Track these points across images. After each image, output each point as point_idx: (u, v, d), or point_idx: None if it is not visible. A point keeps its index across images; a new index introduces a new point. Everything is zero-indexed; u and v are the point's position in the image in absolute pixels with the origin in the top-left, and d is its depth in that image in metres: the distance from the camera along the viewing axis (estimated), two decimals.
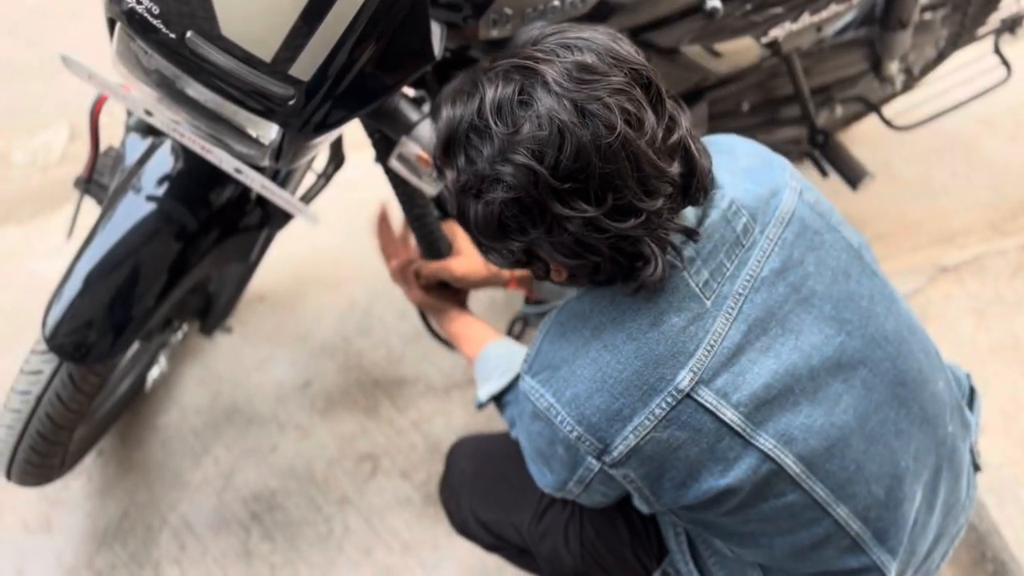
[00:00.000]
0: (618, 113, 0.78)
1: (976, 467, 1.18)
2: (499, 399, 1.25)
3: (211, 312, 1.81)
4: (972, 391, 1.21)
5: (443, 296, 1.39)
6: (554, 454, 0.99)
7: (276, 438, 1.87)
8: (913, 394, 1.02)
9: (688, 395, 0.89)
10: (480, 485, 1.33)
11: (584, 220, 0.81)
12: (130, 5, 0.91)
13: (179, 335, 1.90)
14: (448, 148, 0.85)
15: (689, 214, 0.92)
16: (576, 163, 0.78)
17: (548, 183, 0.79)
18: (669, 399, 0.89)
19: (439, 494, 1.40)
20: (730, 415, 0.90)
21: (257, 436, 1.87)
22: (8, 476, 1.47)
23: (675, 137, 0.84)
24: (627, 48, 0.84)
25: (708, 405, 0.90)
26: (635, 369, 0.90)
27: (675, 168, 0.84)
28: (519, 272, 1.39)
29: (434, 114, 0.94)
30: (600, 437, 0.92)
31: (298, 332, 2.06)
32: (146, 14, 0.91)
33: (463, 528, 1.36)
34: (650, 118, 0.81)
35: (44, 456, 1.45)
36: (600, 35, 0.83)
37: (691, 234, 0.90)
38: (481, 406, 1.27)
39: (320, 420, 1.90)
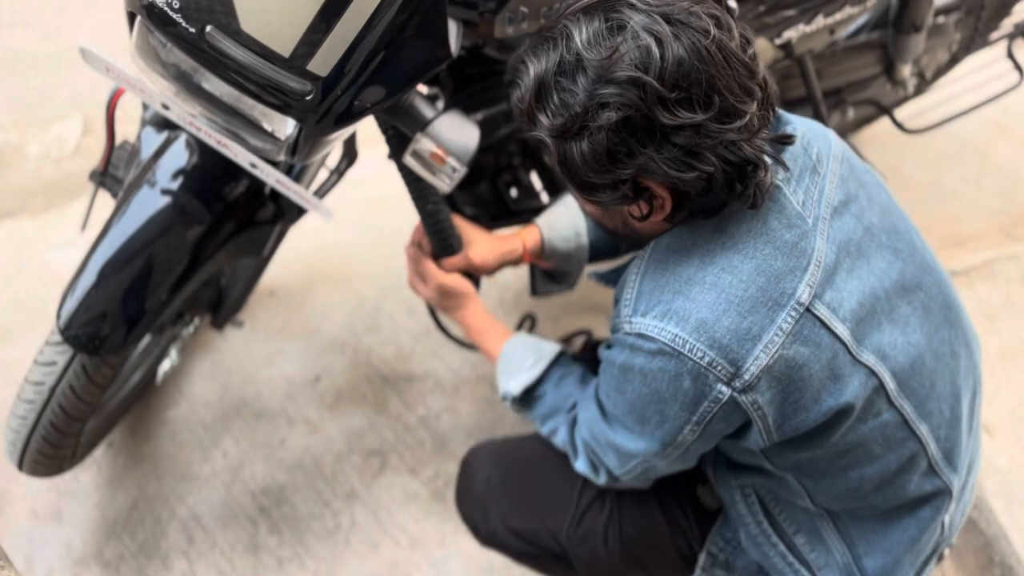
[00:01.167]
0: (707, 19, 0.82)
1: None
2: (531, 392, 1.24)
3: (223, 306, 1.82)
4: None
5: (458, 292, 1.37)
6: (676, 392, 0.95)
7: (285, 432, 1.88)
8: (957, 317, 1.09)
9: (808, 308, 0.92)
10: (510, 493, 1.31)
11: (694, 128, 0.82)
12: None
13: (191, 328, 1.91)
14: (540, 96, 0.86)
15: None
16: (679, 69, 0.80)
17: (656, 93, 0.80)
18: (794, 313, 0.91)
19: (458, 507, 1.38)
20: (840, 329, 0.94)
21: (266, 430, 1.88)
22: (20, 466, 1.48)
23: (751, 50, 0.87)
24: None
25: (824, 318, 0.93)
26: (759, 286, 0.91)
27: (761, 73, 0.88)
28: (530, 244, 1.38)
29: (510, 84, 0.94)
30: (732, 359, 0.91)
31: (308, 327, 2.07)
32: (166, 8, 0.91)
33: (490, 538, 1.34)
34: (732, 25, 0.85)
35: (56, 447, 1.46)
36: None
37: (786, 139, 0.94)
38: (514, 400, 1.25)
39: (329, 415, 1.91)
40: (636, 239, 1.05)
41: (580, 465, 1.17)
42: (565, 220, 1.40)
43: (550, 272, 1.46)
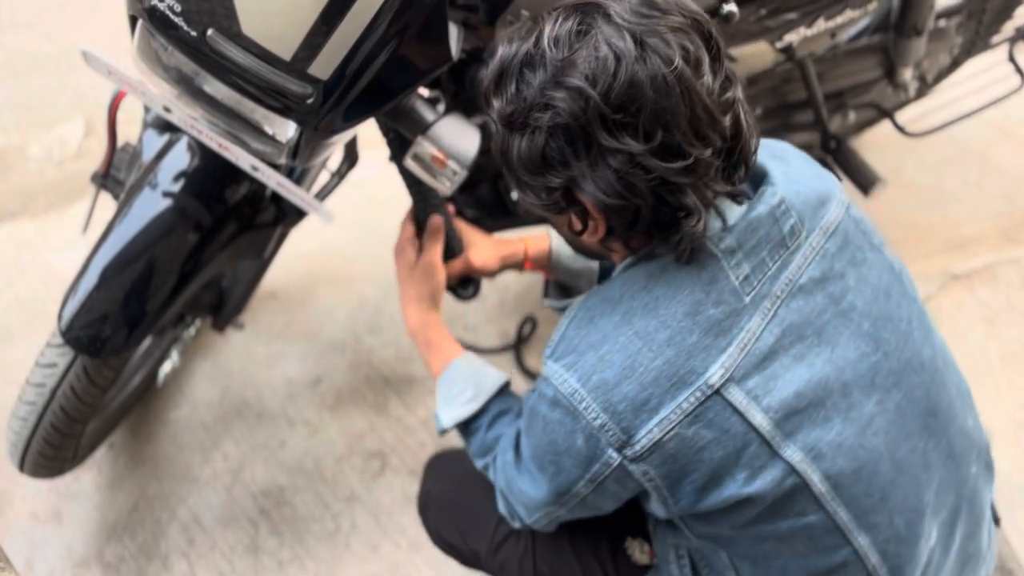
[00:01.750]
0: (677, 48, 0.78)
1: (995, 520, 1.14)
2: (466, 426, 1.21)
3: (224, 308, 1.82)
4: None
5: (436, 282, 1.31)
6: (570, 447, 0.92)
7: (285, 434, 1.88)
8: (943, 426, 0.98)
9: (718, 391, 0.86)
10: (442, 508, 1.32)
11: (629, 156, 0.79)
12: (152, 2, 0.92)
13: (192, 330, 1.92)
14: (499, 81, 0.84)
15: (733, 208, 0.91)
16: (629, 92, 0.77)
17: (599, 109, 0.77)
18: (698, 393, 0.86)
19: (417, 506, 1.39)
20: (759, 419, 0.87)
21: (267, 432, 1.88)
22: (21, 468, 1.48)
23: (729, 95, 0.82)
24: (697, 8, 0.83)
25: (737, 405, 0.86)
26: (666, 358, 0.86)
27: (727, 122, 0.82)
28: (534, 251, 1.38)
29: (484, 64, 0.92)
30: (624, 427, 0.87)
31: (309, 329, 2.07)
32: (168, 11, 0.92)
33: (437, 543, 1.35)
34: (707, 63, 0.80)
35: (57, 448, 1.46)
36: None
37: (735, 195, 0.90)
38: (443, 432, 1.22)
39: (329, 417, 1.91)
40: (588, 255, 1.03)
41: (501, 508, 1.15)
42: None
43: (562, 286, 1.46)
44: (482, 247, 1.38)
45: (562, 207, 0.88)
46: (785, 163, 0.99)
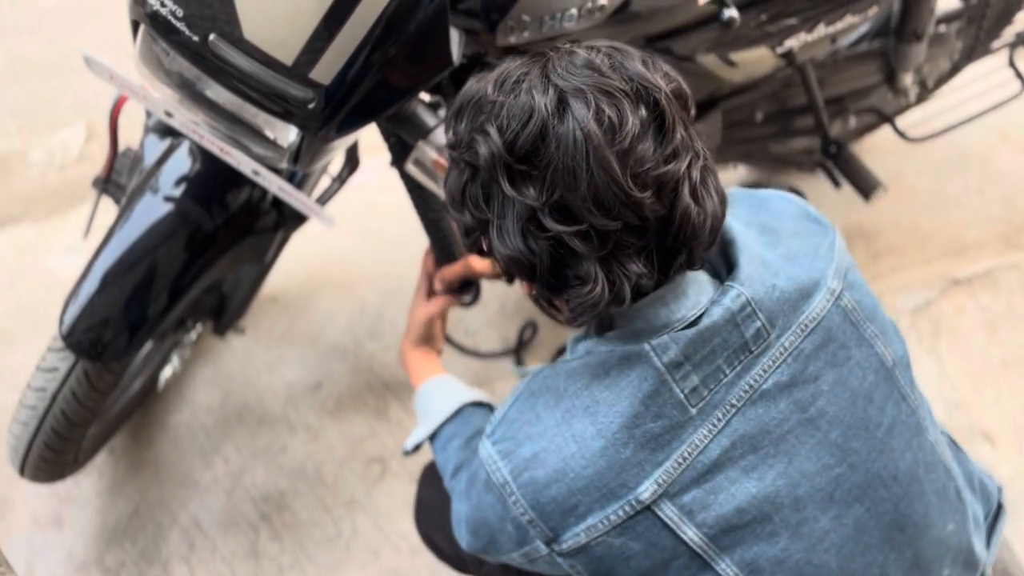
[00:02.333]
0: (593, 111, 0.74)
1: None
2: (431, 443, 1.23)
3: (224, 312, 1.82)
4: (1000, 508, 1.11)
5: (433, 335, 1.37)
6: (502, 529, 0.92)
7: (286, 439, 1.88)
8: (910, 540, 0.92)
9: (648, 507, 0.83)
10: (431, 514, 1.32)
11: (529, 208, 0.77)
12: (154, 7, 0.92)
13: (192, 335, 1.92)
14: (457, 113, 0.85)
15: (689, 303, 0.85)
16: (535, 145, 0.75)
17: (503, 157, 0.77)
18: (627, 508, 0.83)
19: (412, 512, 1.40)
20: (691, 535, 0.84)
21: (267, 436, 1.88)
22: (22, 472, 1.48)
23: (665, 170, 0.77)
24: (651, 72, 0.79)
25: (668, 521, 0.83)
26: (598, 469, 0.83)
27: (649, 200, 0.76)
28: None
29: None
30: (552, 527, 0.86)
31: (309, 334, 2.07)
32: (170, 16, 0.92)
33: (431, 549, 1.35)
34: (633, 132, 0.75)
35: (58, 453, 1.46)
36: (633, 51, 0.81)
37: (648, 280, 0.82)
38: (407, 454, 1.27)
39: (330, 422, 1.91)
40: (542, 308, 1.01)
41: (461, 531, 1.09)
42: None
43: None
44: None
45: (482, 251, 0.87)
46: (775, 237, 0.93)
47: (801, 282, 0.88)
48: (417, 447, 1.27)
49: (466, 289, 1.45)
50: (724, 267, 0.91)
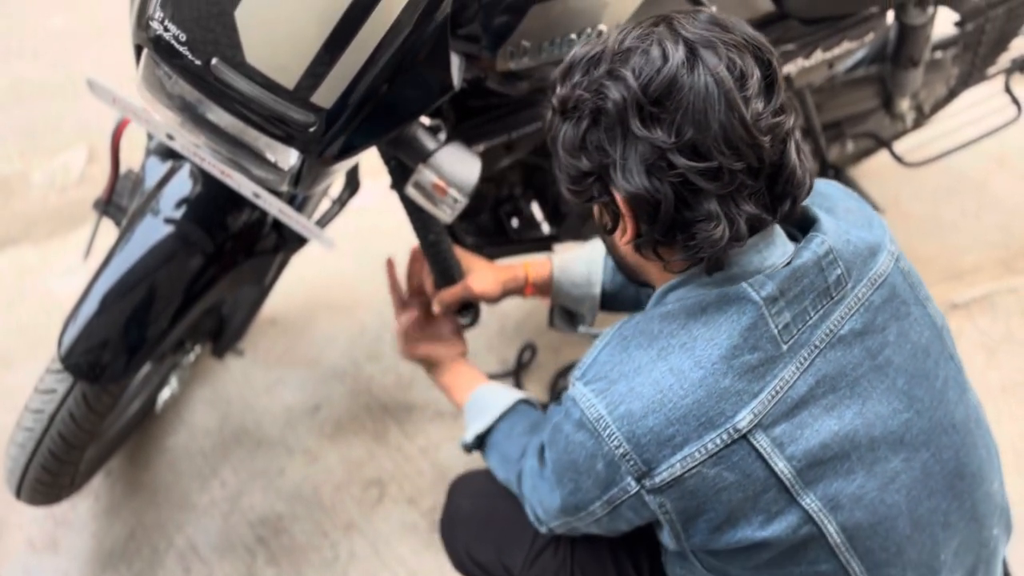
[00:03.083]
0: (725, 61, 0.81)
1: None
2: (484, 440, 1.25)
3: (224, 334, 1.82)
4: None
5: (438, 347, 1.42)
6: (590, 469, 0.94)
7: (284, 462, 1.87)
8: (969, 489, 0.98)
9: (744, 436, 0.86)
10: (476, 523, 1.31)
11: (657, 148, 0.81)
12: (157, 32, 0.93)
13: (191, 357, 1.92)
14: (566, 74, 0.89)
15: (778, 252, 0.91)
16: (669, 89, 0.80)
17: (636, 98, 0.81)
18: (725, 436, 0.86)
19: (439, 530, 1.39)
20: (781, 467, 0.87)
21: (265, 459, 1.87)
22: (18, 495, 1.47)
23: (778, 121, 0.84)
24: (762, 38, 0.86)
25: (762, 451, 0.87)
26: (697, 398, 0.87)
27: (768, 145, 0.83)
28: (535, 276, 1.40)
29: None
30: (646, 459, 0.88)
31: (308, 356, 2.07)
32: (173, 41, 0.93)
33: (461, 567, 1.34)
34: (757, 84, 0.82)
35: (54, 475, 1.45)
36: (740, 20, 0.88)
37: (759, 223, 0.87)
38: (468, 449, 1.28)
39: (328, 444, 1.90)
40: (627, 273, 1.05)
41: (530, 516, 1.16)
42: (581, 265, 1.41)
43: (568, 310, 1.47)
44: (483, 273, 1.39)
45: (593, 195, 0.90)
46: (833, 213, 0.99)
47: (868, 241, 0.96)
48: (479, 442, 1.28)
49: (465, 311, 1.46)
50: (797, 230, 0.98)
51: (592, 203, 0.92)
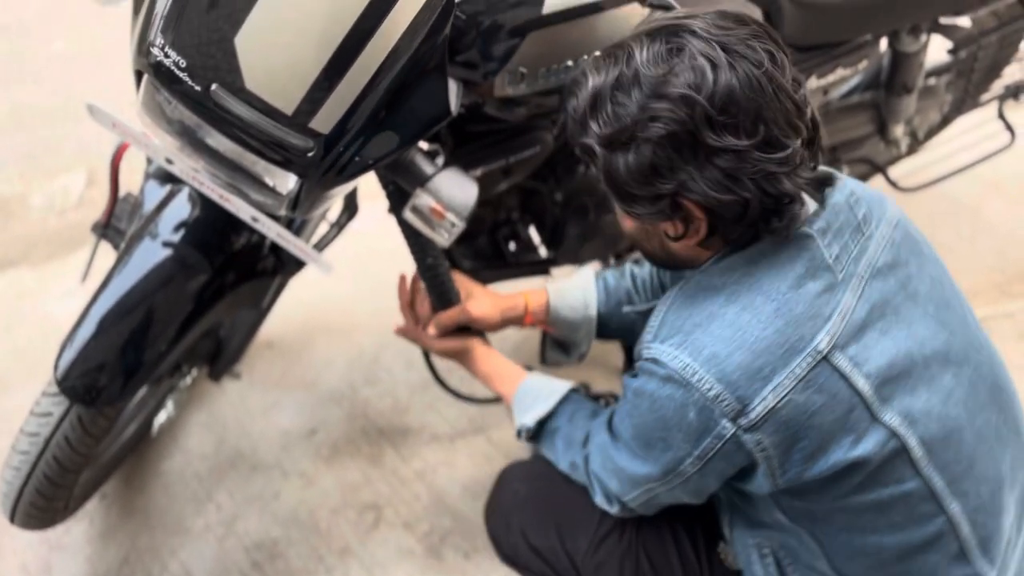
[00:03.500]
0: (762, 52, 0.86)
1: None
2: (544, 425, 1.26)
3: (221, 357, 1.82)
4: None
5: (463, 337, 1.41)
6: (680, 422, 0.95)
7: (279, 485, 1.86)
8: (1009, 401, 1.06)
9: (826, 357, 0.91)
10: (534, 507, 1.30)
11: (736, 153, 0.85)
12: (158, 58, 0.94)
13: (188, 380, 1.91)
14: (595, 106, 0.89)
15: (810, 202, 0.99)
16: (730, 95, 0.84)
17: (705, 112, 0.84)
18: (809, 359, 0.91)
19: (485, 520, 1.37)
20: (861, 384, 0.92)
21: (261, 483, 1.86)
22: (12, 519, 1.46)
23: (802, 91, 0.90)
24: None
25: (842, 370, 0.92)
26: (776, 328, 0.91)
27: (810, 114, 0.90)
28: (534, 305, 1.41)
29: (567, 94, 0.97)
30: (739, 396, 0.91)
31: (305, 379, 2.07)
32: (173, 67, 0.94)
33: (512, 555, 1.32)
34: (783, 63, 0.88)
35: (49, 499, 1.44)
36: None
37: (827, 180, 0.99)
38: (529, 434, 1.28)
39: (324, 468, 1.90)
40: (673, 266, 1.08)
41: (597, 498, 1.18)
42: (576, 291, 1.42)
43: (560, 341, 1.47)
44: (482, 299, 1.39)
45: (667, 214, 0.93)
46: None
47: (878, 195, 1.06)
48: (538, 429, 1.27)
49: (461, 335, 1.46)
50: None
51: (664, 220, 0.95)
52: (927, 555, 0.99)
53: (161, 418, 1.88)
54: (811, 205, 0.99)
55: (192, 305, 1.33)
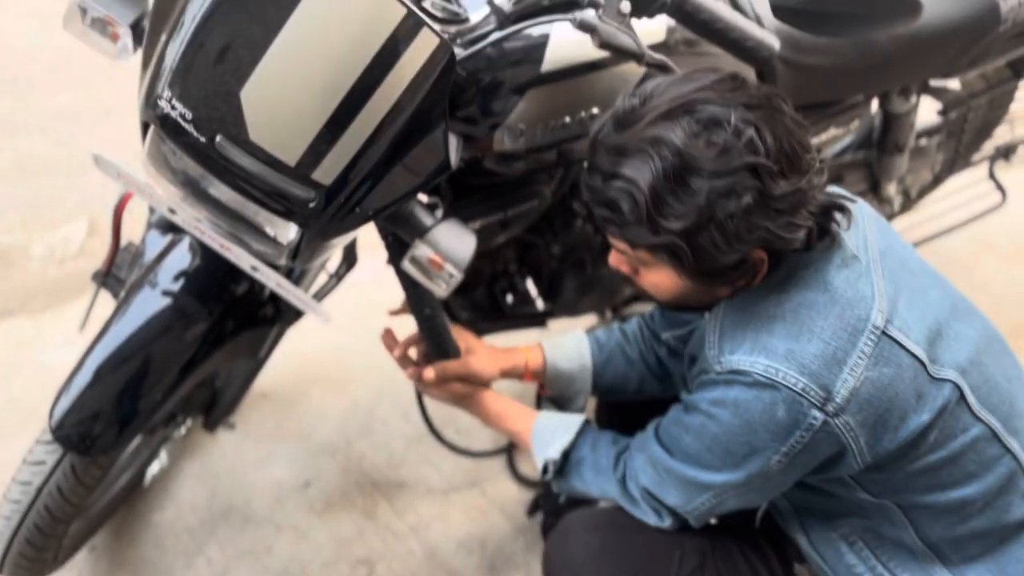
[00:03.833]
0: (775, 98, 0.93)
1: None
2: (569, 456, 1.27)
3: (216, 407, 1.82)
4: None
5: (467, 384, 1.40)
6: (768, 422, 0.99)
7: (272, 539, 1.84)
8: (1008, 347, 1.15)
9: (884, 332, 0.98)
10: (609, 559, 1.27)
11: (799, 192, 0.93)
12: (165, 110, 0.96)
13: (182, 430, 1.90)
14: (659, 207, 0.91)
15: None
16: (778, 146, 0.91)
17: (768, 170, 0.90)
18: (871, 336, 0.98)
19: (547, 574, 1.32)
20: (916, 349, 1.00)
21: (253, 536, 1.84)
22: (0, 569, 1.44)
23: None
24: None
25: (900, 340, 0.99)
26: (835, 314, 0.98)
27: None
28: (533, 365, 1.41)
29: (608, 205, 0.98)
30: (823, 384, 0.96)
31: (300, 431, 2.06)
32: (179, 119, 0.96)
33: None
34: (784, 97, 0.96)
35: (39, 549, 1.43)
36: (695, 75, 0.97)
37: (836, 184, 1.08)
38: (556, 467, 1.28)
39: (317, 521, 1.87)
40: (713, 304, 1.10)
41: (643, 515, 1.21)
42: (570, 342, 1.44)
43: (556, 401, 1.47)
44: (483, 355, 1.39)
45: (741, 270, 0.98)
46: None
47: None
48: (564, 461, 1.28)
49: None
50: None
51: (744, 277, 1.00)
52: (1004, 498, 1.07)
53: (154, 468, 1.86)
54: None
55: (189, 354, 1.33)
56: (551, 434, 1.30)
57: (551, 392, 1.45)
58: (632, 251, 0.99)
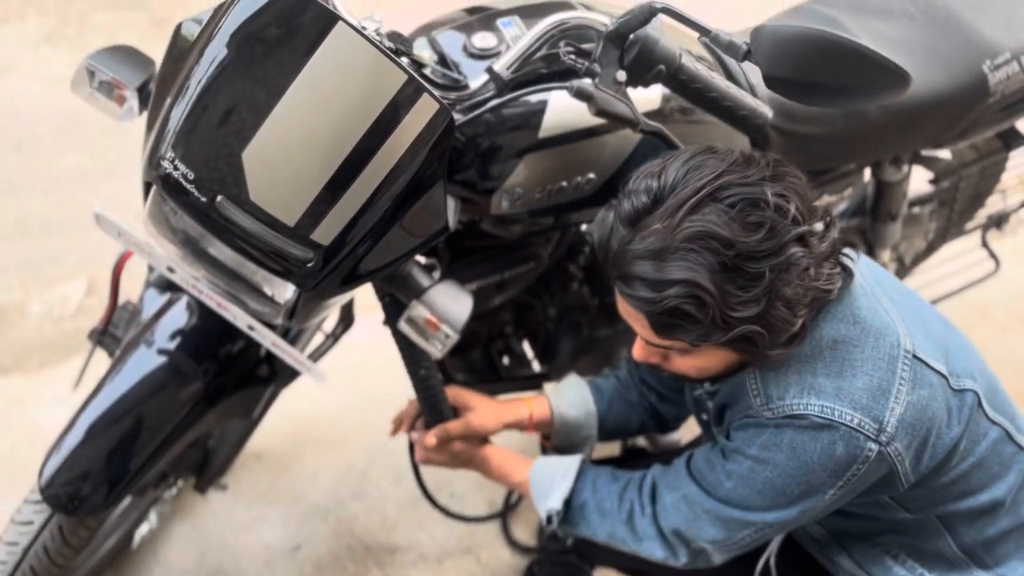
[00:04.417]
0: (778, 165, 0.97)
1: None
2: (571, 503, 1.26)
3: (208, 468, 1.80)
4: None
5: (469, 444, 1.40)
6: (828, 459, 1.01)
7: None
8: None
9: (914, 355, 1.03)
10: None
11: (833, 241, 0.98)
12: (167, 171, 0.98)
13: (173, 491, 1.88)
14: (726, 300, 0.91)
15: None
16: (809, 209, 0.96)
17: (809, 233, 0.95)
18: (906, 361, 1.02)
19: None
20: (939, 366, 1.05)
21: None
22: None
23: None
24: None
25: (927, 361, 1.04)
26: (871, 345, 1.02)
27: None
28: (537, 416, 1.41)
29: (670, 310, 0.96)
30: (874, 416, 1.00)
31: (292, 493, 2.03)
32: (181, 179, 0.97)
33: None
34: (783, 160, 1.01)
35: None
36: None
37: (847, 240, 1.11)
38: (560, 516, 1.26)
39: None
40: (732, 371, 1.11)
41: (650, 549, 1.20)
42: (571, 389, 1.44)
43: (562, 451, 1.46)
44: (485, 411, 1.39)
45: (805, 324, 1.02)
46: None
47: None
48: (566, 509, 1.26)
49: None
50: None
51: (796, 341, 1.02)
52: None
53: (143, 530, 1.83)
54: None
55: (183, 413, 1.32)
56: (549, 482, 1.29)
57: (556, 442, 1.44)
58: (690, 346, 1.00)
